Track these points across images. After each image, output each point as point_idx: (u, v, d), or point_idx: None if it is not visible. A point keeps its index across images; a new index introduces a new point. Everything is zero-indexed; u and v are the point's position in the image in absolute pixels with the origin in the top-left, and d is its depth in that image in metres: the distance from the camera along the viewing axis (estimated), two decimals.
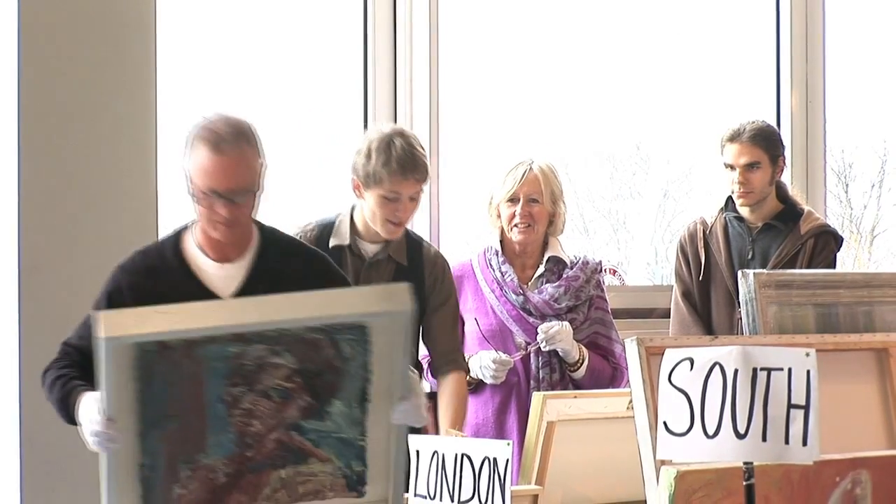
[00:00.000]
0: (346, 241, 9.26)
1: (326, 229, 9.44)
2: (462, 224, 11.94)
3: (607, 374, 9.46)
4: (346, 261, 9.33)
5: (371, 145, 8.89)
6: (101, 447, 6.20)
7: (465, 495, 7.05)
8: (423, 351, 9.46)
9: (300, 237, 9.26)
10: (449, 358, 9.13)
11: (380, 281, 9.14)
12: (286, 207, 11.05)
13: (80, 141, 9.93)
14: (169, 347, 6.07)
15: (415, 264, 9.22)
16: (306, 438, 6.24)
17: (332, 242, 9.45)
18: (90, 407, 6.30)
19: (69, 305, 8.33)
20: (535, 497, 7.76)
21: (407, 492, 6.76)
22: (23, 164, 9.47)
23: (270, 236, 7.10)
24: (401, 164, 8.80)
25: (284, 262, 7.08)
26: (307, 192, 12.07)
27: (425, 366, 9.49)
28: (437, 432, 9.04)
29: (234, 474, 6.29)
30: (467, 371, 9.23)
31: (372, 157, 8.70)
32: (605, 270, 10.47)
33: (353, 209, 9.42)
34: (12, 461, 9.08)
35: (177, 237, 7.00)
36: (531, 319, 9.41)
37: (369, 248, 9.19)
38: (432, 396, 9.22)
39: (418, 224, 11.25)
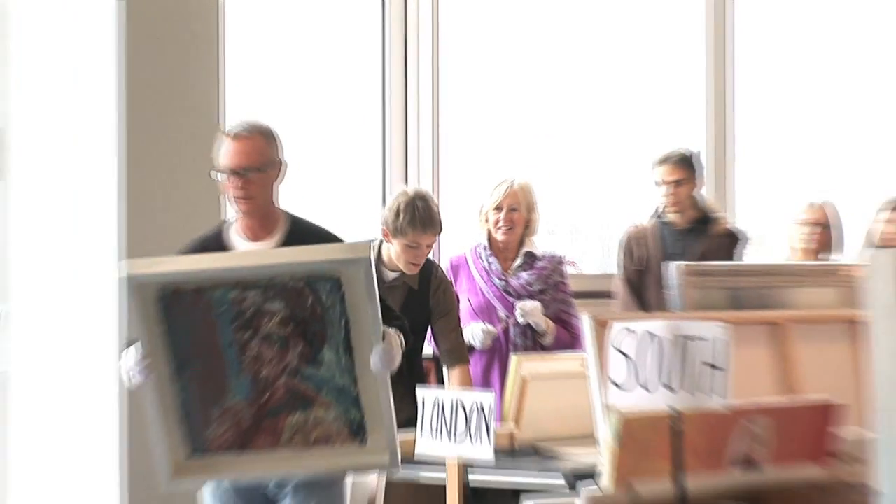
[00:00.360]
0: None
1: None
2: (457, 224, 11.46)
3: (568, 341, 9.45)
4: None
5: (399, 206, 8.97)
6: (138, 379, 6.23)
7: (460, 433, 7.04)
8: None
9: None
10: (453, 355, 9.24)
11: (395, 301, 8.86)
12: (315, 204, 10.53)
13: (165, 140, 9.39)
14: (181, 292, 6.15)
15: (423, 288, 9.26)
16: (308, 384, 6.23)
17: None
18: (129, 352, 6.27)
19: None
20: (512, 435, 7.87)
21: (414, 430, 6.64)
22: (127, 160, 8.90)
23: (298, 222, 6.77)
24: (422, 223, 8.94)
25: (307, 244, 6.82)
26: (331, 191, 11.67)
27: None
28: None
29: (256, 417, 6.30)
30: (468, 362, 9.31)
31: (399, 215, 8.79)
32: (566, 262, 10.34)
33: (381, 243, 9.30)
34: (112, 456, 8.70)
35: (221, 225, 6.86)
36: (510, 299, 9.57)
37: (389, 275, 9.21)
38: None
39: None
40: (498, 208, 9.67)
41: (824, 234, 11.07)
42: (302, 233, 6.61)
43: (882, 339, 5.42)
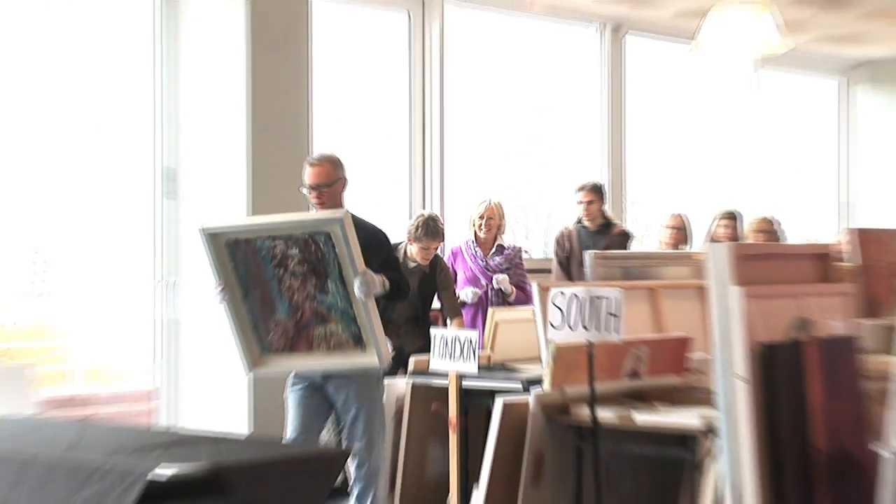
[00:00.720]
0: (401, 258, 9.73)
1: (396, 248, 9.88)
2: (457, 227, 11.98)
3: (524, 299, 10.31)
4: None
5: (418, 223, 9.89)
6: (217, 301, 7.20)
7: (456, 356, 7.74)
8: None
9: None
10: (452, 312, 10.19)
11: (413, 280, 9.75)
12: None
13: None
14: (238, 241, 7.06)
15: (432, 272, 10.07)
16: (322, 307, 7.02)
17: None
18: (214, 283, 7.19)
19: None
20: (489, 357, 8.85)
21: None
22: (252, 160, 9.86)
23: (353, 218, 7.12)
24: (432, 234, 9.86)
25: (357, 232, 7.10)
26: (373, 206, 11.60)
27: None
28: None
29: (295, 329, 7.14)
30: (461, 315, 10.35)
31: (418, 229, 9.71)
32: (522, 251, 11.41)
33: (406, 244, 10.10)
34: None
35: None
36: (489, 273, 10.62)
37: (410, 264, 9.90)
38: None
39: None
40: (480, 217, 10.85)
41: (680, 234, 11.99)
42: (354, 224, 7.01)
43: (716, 298, 6.10)
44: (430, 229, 9.90)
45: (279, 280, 7.05)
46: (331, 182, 7.40)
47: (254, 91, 9.96)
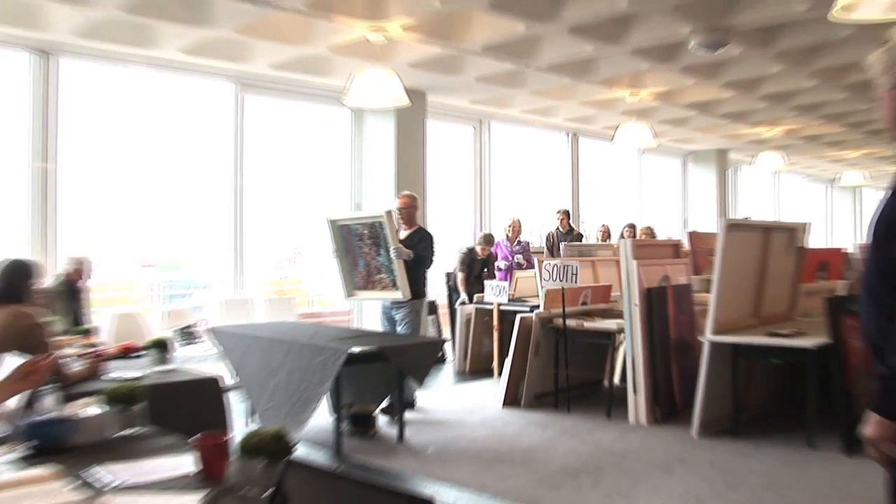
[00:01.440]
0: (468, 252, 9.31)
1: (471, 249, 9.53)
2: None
3: (529, 267, 9.34)
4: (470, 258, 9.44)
5: (481, 236, 9.45)
6: (334, 260, 7.05)
7: (502, 294, 8.46)
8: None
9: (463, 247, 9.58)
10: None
11: (478, 263, 9.30)
12: None
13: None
14: (343, 225, 7.03)
15: (487, 258, 9.37)
16: (380, 264, 6.80)
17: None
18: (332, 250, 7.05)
19: None
20: (513, 294, 8.77)
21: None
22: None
23: (420, 228, 7.06)
24: (487, 241, 9.50)
25: (418, 231, 7.04)
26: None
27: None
28: None
29: (367, 275, 6.95)
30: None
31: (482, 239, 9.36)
32: (529, 244, 10.30)
33: (476, 245, 9.55)
34: None
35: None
36: (513, 255, 9.79)
37: (477, 255, 9.37)
38: None
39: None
40: (509, 227, 9.92)
41: (605, 234, 11.62)
42: (417, 230, 7.03)
43: (624, 266, 6.53)
44: (487, 239, 9.60)
45: (359, 248, 6.96)
46: (409, 207, 7.09)
47: (398, 169, 9.73)
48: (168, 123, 8.98)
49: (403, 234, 6.99)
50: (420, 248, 6.85)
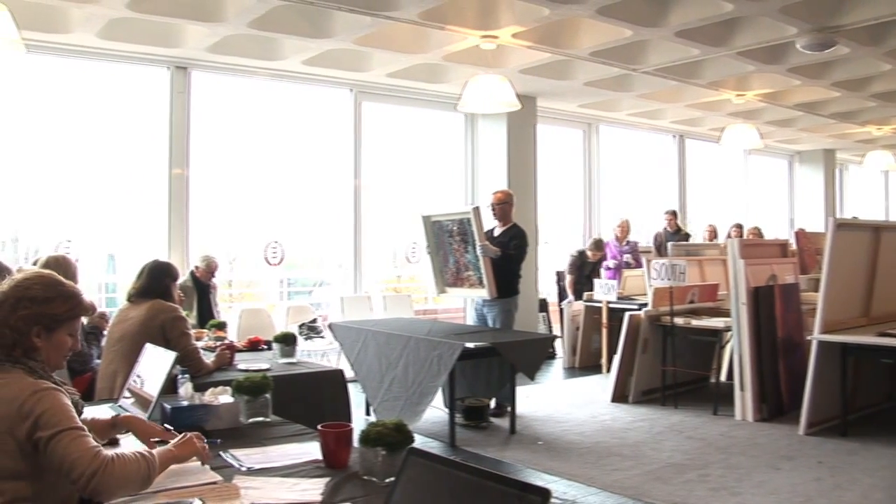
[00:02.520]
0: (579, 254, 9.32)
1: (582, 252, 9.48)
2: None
3: (637, 266, 9.29)
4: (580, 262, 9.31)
5: (592, 240, 9.38)
6: (427, 256, 7.02)
7: (611, 293, 8.47)
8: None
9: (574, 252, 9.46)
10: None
11: (589, 265, 9.25)
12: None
13: None
14: (434, 222, 7.00)
15: (598, 261, 9.27)
16: (468, 262, 6.69)
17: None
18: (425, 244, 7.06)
19: None
20: (621, 293, 8.64)
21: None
22: None
23: (514, 224, 6.90)
24: (597, 247, 9.39)
25: (512, 227, 6.80)
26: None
27: None
28: None
29: (456, 272, 6.87)
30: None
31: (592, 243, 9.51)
32: (637, 243, 10.14)
33: (586, 249, 9.45)
34: None
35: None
36: (622, 254, 9.60)
37: (588, 258, 9.33)
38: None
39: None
40: (619, 227, 9.72)
41: (712, 235, 11.27)
42: (511, 226, 6.87)
43: (732, 265, 6.44)
44: (597, 245, 9.49)
45: (450, 244, 6.88)
46: (504, 202, 6.93)
47: (510, 172, 9.58)
48: (290, 130, 9.17)
49: (498, 230, 6.95)
50: (511, 245, 6.74)
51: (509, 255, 6.72)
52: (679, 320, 7.02)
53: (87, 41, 6.99)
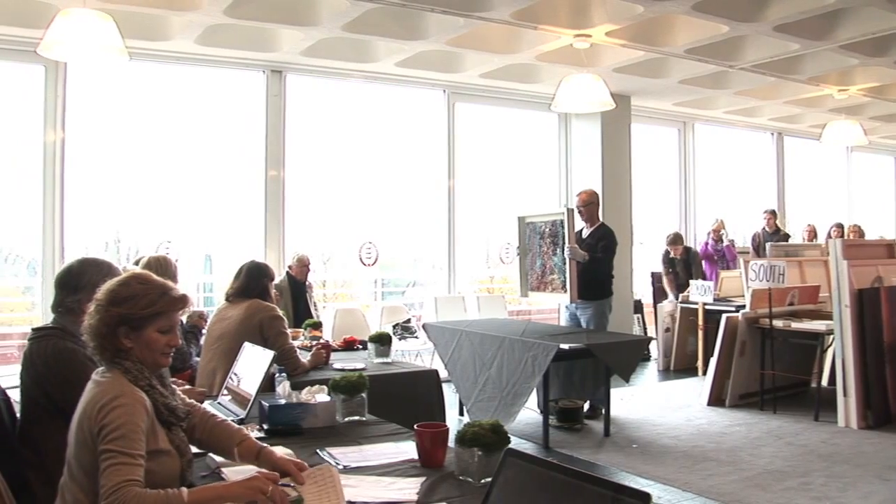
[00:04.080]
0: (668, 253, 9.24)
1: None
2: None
3: (733, 266, 9.19)
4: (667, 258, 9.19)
5: (670, 235, 9.11)
6: (517, 258, 6.96)
7: (706, 293, 8.43)
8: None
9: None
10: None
11: (682, 264, 9.08)
12: None
13: None
14: (528, 223, 6.96)
15: (689, 258, 9.20)
16: (555, 265, 6.61)
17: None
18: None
19: None
20: (717, 294, 8.48)
21: None
22: None
23: (602, 223, 6.85)
24: (676, 241, 9.28)
25: (600, 227, 6.74)
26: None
27: None
28: None
29: (542, 277, 6.80)
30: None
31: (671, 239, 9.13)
32: (734, 242, 9.99)
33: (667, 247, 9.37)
34: None
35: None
36: (718, 253, 9.58)
37: (671, 255, 9.20)
38: None
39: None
40: (714, 231, 9.60)
41: (812, 235, 11.02)
42: (599, 227, 6.82)
43: (834, 266, 6.31)
44: (673, 239, 9.37)
45: (540, 246, 6.79)
46: (589, 203, 6.87)
47: (604, 171, 9.55)
48: (384, 131, 9.25)
49: (586, 231, 6.90)
50: (599, 247, 6.68)
51: (598, 258, 6.67)
52: (778, 323, 6.87)
53: (186, 48, 7.22)
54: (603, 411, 6.22)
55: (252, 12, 6.42)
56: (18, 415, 2.74)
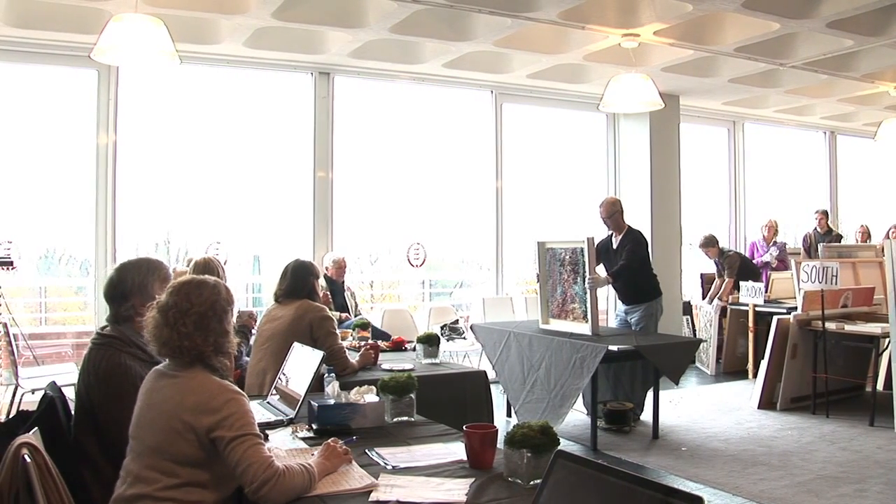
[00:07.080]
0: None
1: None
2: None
3: (784, 267, 9.15)
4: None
5: (705, 238, 8.82)
6: (537, 280, 6.63)
7: (758, 294, 8.34)
8: None
9: None
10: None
11: (735, 265, 8.80)
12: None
13: None
14: (548, 249, 6.58)
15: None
16: (575, 294, 6.28)
17: None
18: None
19: None
20: (768, 296, 8.43)
21: None
22: None
23: (630, 228, 6.68)
24: (708, 244, 8.96)
25: (627, 234, 6.58)
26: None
27: None
28: None
29: (562, 304, 6.41)
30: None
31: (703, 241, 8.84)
32: (786, 243, 10.00)
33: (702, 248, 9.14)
34: None
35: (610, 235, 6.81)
36: (771, 255, 9.51)
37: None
38: None
39: None
40: (766, 227, 9.57)
41: (865, 236, 10.88)
42: (626, 233, 6.65)
43: (890, 267, 6.07)
44: (705, 242, 9.05)
45: (560, 274, 6.54)
46: (612, 214, 6.67)
47: (652, 171, 9.48)
48: (431, 132, 9.28)
49: (616, 240, 6.72)
50: (624, 252, 6.52)
51: (624, 265, 6.50)
52: (831, 325, 6.79)
53: (235, 50, 7.32)
54: (651, 414, 6.15)
55: (300, 15, 6.48)
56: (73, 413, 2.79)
